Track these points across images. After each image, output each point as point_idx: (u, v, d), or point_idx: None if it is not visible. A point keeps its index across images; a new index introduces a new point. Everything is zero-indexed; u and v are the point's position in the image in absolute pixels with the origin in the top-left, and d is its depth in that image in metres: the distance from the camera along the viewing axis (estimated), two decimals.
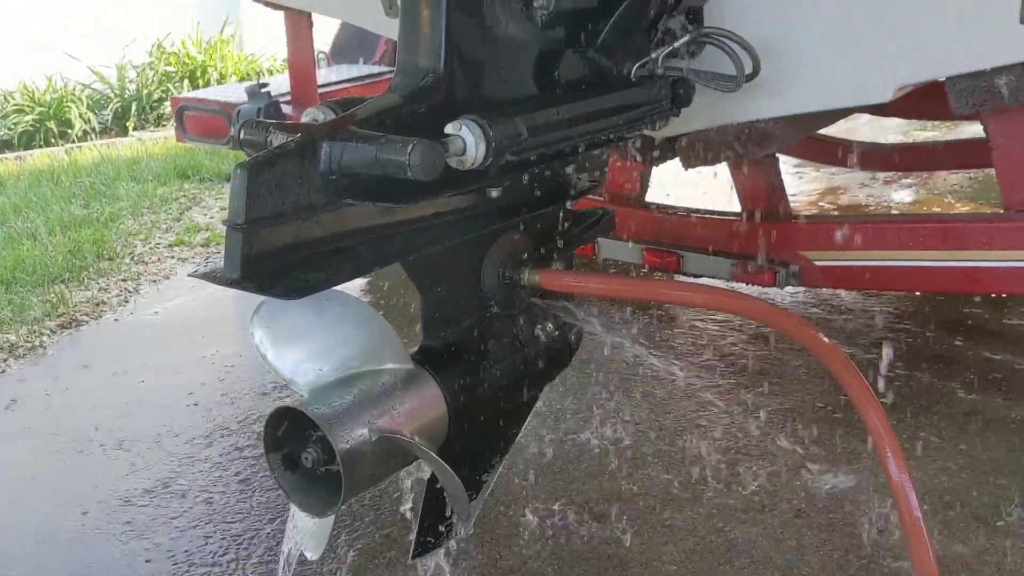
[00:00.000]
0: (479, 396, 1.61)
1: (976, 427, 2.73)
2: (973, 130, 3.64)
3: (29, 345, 3.66)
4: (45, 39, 7.79)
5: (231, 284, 1.22)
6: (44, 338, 3.74)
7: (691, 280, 2.76)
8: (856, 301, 3.60)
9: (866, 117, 4.90)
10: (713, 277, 2.72)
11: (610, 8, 1.68)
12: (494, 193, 1.53)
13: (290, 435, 1.42)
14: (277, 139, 1.37)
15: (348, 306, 1.48)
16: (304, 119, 1.51)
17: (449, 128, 1.36)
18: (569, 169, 1.77)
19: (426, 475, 1.65)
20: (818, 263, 2.55)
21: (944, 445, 2.65)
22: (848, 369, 1.48)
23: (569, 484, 2.53)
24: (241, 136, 1.42)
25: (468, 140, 1.36)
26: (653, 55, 1.75)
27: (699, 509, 2.40)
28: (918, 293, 3.54)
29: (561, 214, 1.79)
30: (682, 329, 3.46)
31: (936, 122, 5.28)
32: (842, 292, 3.62)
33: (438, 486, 1.54)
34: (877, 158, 4.23)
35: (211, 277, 1.26)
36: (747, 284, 2.65)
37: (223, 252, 1.23)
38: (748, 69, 1.74)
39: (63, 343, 3.72)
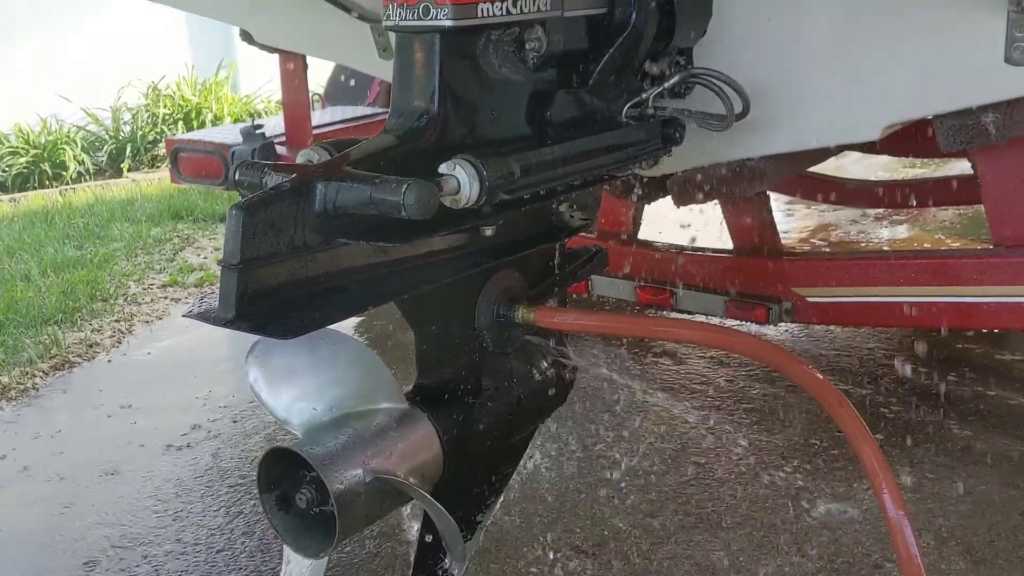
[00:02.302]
0: (474, 435, 1.60)
1: (971, 462, 2.73)
2: (962, 166, 3.67)
3: (21, 387, 3.65)
4: (41, 81, 7.83)
5: (226, 324, 1.22)
6: (37, 379, 3.72)
7: (684, 317, 2.77)
8: (849, 337, 3.61)
9: (856, 154, 4.94)
10: (706, 314, 2.72)
11: (601, 50, 1.70)
12: (488, 232, 1.54)
13: (284, 476, 1.41)
14: (272, 180, 1.37)
15: (343, 345, 1.48)
16: (299, 160, 1.52)
17: (443, 168, 1.37)
18: (562, 207, 1.78)
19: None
20: (810, 299, 2.56)
21: (939, 480, 2.64)
22: (842, 405, 1.48)
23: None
24: (236, 177, 1.43)
25: (462, 179, 1.37)
26: (644, 95, 1.76)
27: (695, 539, 2.39)
28: (910, 329, 3.55)
29: (555, 252, 1.80)
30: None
31: (925, 159, 5.33)
32: (835, 328, 3.63)
33: (433, 527, 1.53)
34: (869, 195, 4.26)
35: (206, 317, 1.26)
36: (740, 321, 2.66)
37: (218, 292, 1.24)
38: (738, 108, 1.76)
39: (56, 384, 3.71)
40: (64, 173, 7.56)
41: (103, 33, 8.14)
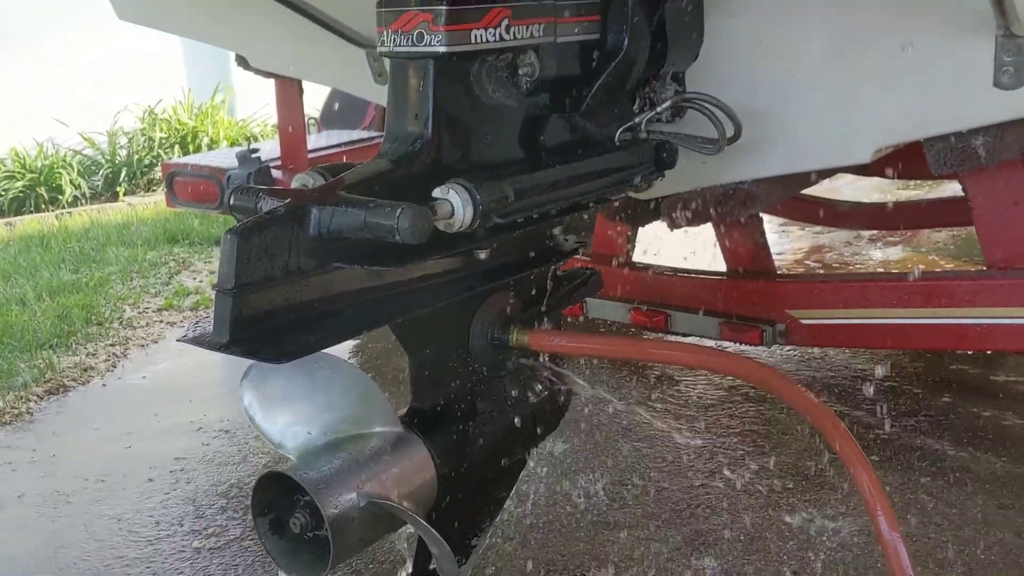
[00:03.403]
0: (468, 459, 1.60)
1: (967, 484, 2.72)
2: (954, 188, 3.69)
3: (16, 411, 3.63)
4: (37, 105, 7.85)
5: (220, 349, 1.22)
6: (31, 404, 3.71)
7: (679, 339, 2.77)
8: (844, 358, 3.61)
9: (849, 177, 4.97)
10: (701, 336, 2.73)
11: (593, 75, 1.71)
12: (482, 255, 1.54)
13: (278, 500, 1.41)
14: (267, 204, 1.38)
15: (337, 369, 1.48)
16: (294, 184, 1.53)
17: (437, 192, 1.38)
18: (556, 230, 1.79)
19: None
20: (804, 321, 2.56)
21: (935, 503, 2.64)
22: (836, 428, 1.48)
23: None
24: (232, 202, 1.43)
25: (456, 203, 1.38)
26: (637, 119, 1.78)
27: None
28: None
29: (549, 275, 1.81)
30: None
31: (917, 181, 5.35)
32: (829, 350, 3.63)
33: (427, 551, 1.52)
34: (863, 217, 4.28)
35: (200, 342, 1.27)
36: (734, 343, 2.66)
37: (212, 316, 1.24)
38: (730, 132, 1.77)
39: (50, 409, 3.70)
40: (60, 197, 7.57)
41: (100, 58, 8.17)
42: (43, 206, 7.51)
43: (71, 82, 8.07)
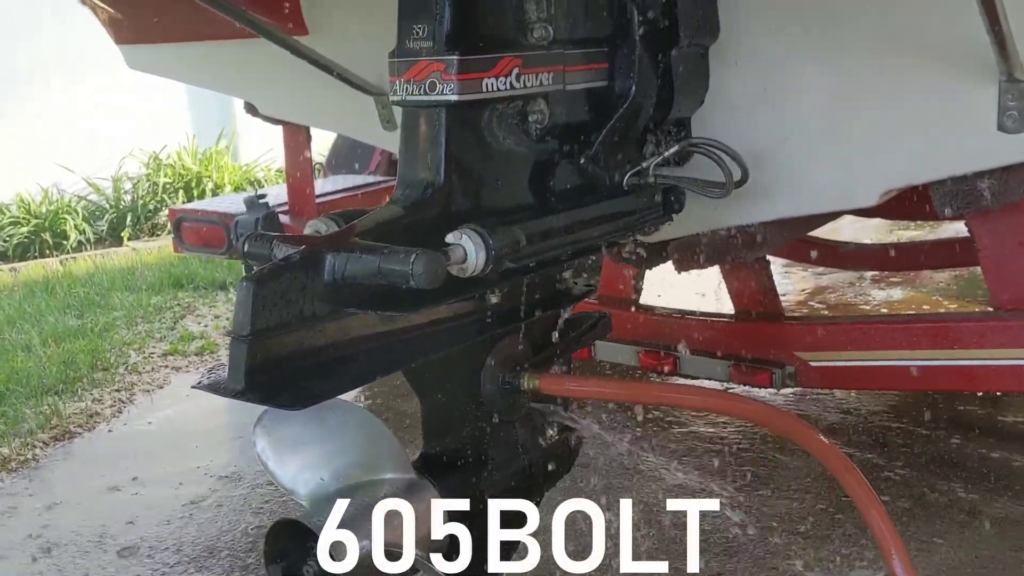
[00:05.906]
0: (480, 504, 1.60)
1: (978, 526, 2.70)
2: (955, 228, 3.71)
3: (22, 458, 3.62)
4: (42, 151, 7.91)
5: (236, 396, 1.23)
6: (37, 451, 3.69)
7: (689, 382, 2.77)
8: (852, 400, 3.60)
9: (849, 217, 4.99)
10: (710, 378, 2.72)
11: (602, 121, 1.74)
12: (493, 299, 1.55)
13: (291, 547, 1.40)
14: (281, 251, 1.39)
15: (350, 415, 1.49)
16: (307, 231, 1.54)
17: (450, 237, 1.39)
18: (566, 274, 1.80)
19: None
20: (813, 364, 2.56)
21: (948, 545, 2.62)
22: (849, 470, 1.48)
23: None
24: (245, 248, 1.44)
25: (469, 249, 1.39)
26: (644, 164, 1.80)
27: None
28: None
29: (559, 318, 1.81)
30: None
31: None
32: (837, 391, 3.62)
33: None
34: (866, 258, 4.30)
35: (215, 388, 1.27)
36: (743, 385, 2.66)
37: (227, 363, 1.24)
38: (737, 176, 1.79)
39: (56, 455, 3.68)
40: (65, 242, 7.59)
41: (105, 104, 8.24)
42: (48, 251, 7.53)
43: (76, 129, 8.13)
